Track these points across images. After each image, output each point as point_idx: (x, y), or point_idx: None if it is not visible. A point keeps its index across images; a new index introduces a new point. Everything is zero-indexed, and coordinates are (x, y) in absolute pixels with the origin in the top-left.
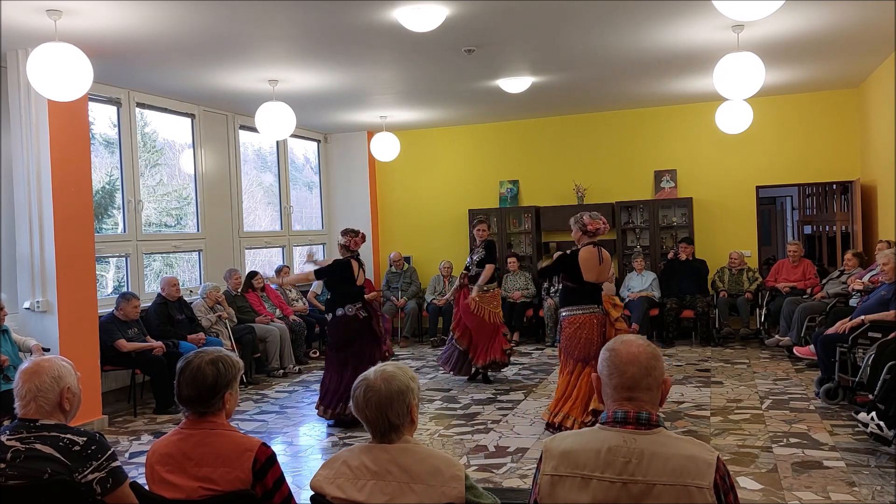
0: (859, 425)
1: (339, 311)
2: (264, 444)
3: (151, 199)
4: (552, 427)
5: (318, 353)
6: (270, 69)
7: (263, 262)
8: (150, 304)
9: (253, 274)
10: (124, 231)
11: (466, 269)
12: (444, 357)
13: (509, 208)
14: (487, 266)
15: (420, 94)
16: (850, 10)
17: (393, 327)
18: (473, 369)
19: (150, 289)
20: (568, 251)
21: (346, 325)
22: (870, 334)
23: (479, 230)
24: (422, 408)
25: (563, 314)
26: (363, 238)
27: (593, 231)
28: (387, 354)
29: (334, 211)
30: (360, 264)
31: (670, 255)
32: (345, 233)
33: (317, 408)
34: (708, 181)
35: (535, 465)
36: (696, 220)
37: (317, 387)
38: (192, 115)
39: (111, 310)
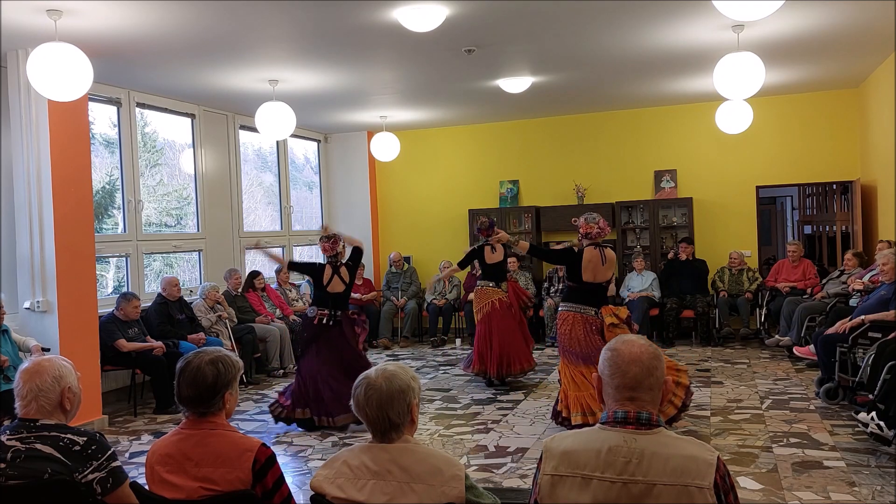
0: (859, 425)
1: (310, 312)
2: (264, 445)
3: (151, 199)
4: (558, 416)
5: None
6: (270, 69)
7: (264, 262)
8: (150, 303)
9: (255, 274)
10: (124, 231)
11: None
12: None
13: (509, 208)
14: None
15: (420, 94)
16: (850, 10)
17: (393, 327)
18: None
19: (151, 289)
20: (576, 248)
21: (306, 325)
22: (870, 334)
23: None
24: (422, 408)
25: (559, 309)
26: (335, 243)
27: (585, 234)
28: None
29: (334, 211)
30: (336, 271)
31: (670, 255)
32: (319, 240)
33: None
34: (708, 181)
35: (536, 465)
36: (696, 220)
37: None
38: (192, 115)
39: (111, 310)
